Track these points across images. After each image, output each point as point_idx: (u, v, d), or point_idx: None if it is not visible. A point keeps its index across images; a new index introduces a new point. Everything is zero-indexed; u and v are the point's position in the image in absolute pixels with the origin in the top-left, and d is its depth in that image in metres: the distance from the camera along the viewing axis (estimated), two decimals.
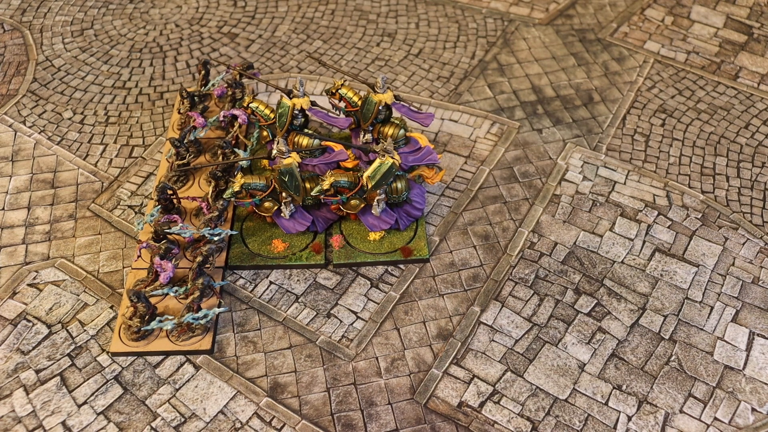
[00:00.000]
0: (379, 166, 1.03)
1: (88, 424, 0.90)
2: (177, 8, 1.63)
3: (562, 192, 1.20)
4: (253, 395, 0.92)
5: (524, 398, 0.93)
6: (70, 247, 1.11)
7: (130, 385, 0.93)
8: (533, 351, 0.98)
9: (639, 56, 1.49)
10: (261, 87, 1.41)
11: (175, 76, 1.44)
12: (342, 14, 1.61)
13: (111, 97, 1.39)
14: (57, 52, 1.50)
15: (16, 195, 1.19)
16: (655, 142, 1.29)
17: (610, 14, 1.60)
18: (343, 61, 1.47)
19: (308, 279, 1.06)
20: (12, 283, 1.06)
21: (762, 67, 1.46)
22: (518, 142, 1.29)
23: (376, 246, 1.09)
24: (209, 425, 0.89)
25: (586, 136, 1.30)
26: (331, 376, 0.95)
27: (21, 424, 0.90)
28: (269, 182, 1.06)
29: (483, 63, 1.47)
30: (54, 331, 0.99)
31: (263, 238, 1.10)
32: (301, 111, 1.11)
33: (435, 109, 1.35)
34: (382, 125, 1.15)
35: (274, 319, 1.01)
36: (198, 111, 1.27)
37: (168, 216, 1.04)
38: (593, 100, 1.38)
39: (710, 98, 1.39)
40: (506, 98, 1.38)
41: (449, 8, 1.62)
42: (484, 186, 1.21)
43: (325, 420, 0.90)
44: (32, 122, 1.33)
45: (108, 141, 1.29)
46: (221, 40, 1.53)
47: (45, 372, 0.95)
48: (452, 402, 0.92)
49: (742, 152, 1.28)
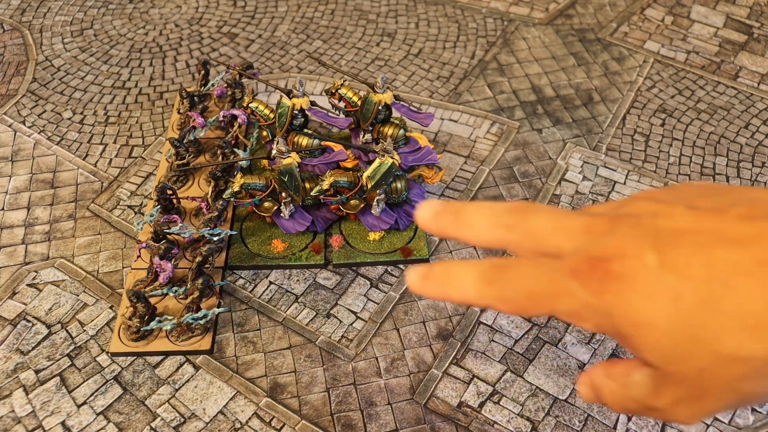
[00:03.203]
0: (378, 166, 1.03)
1: (87, 424, 0.89)
2: (177, 8, 1.63)
3: (562, 192, 1.20)
4: (252, 395, 0.92)
5: (524, 398, 0.93)
6: (70, 248, 1.11)
7: (129, 386, 0.93)
8: (533, 351, 0.98)
9: (639, 56, 1.48)
10: (261, 87, 1.40)
11: (175, 76, 1.44)
12: (342, 14, 1.61)
13: (111, 97, 1.39)
14: (57, 52, 1.50)
15: (15, 195, 1.19)
16: (655, 142, 1.29)
17: (609, 14, 1.60)
18: (343, 61, 1.47)
19: (308, 279, 1.06)
20: (11, 283, 1.06)
21: (762, 67, 1.46)
22: (518, 142, 1.29)
23: (376, 246, 1.09)
24: (209, 425, 0.89)
25: (586, 136, 1.30)
26: (331, 376, 0.95)
27: (20, 424, 0.90)
28: (269, 182, 1.06)
29: (483, 63, 1.47)
30: (53, 331, 0.99)
31: (263, 238, 1.10)
32: (300, 111, 1.11)
33: (435, 109, 1.35)
34: (382, 125, 1.15)
35: (274, 320, 1.01)
36: (198, 111, 1.27)
37: (167, 216, 1.04)
38: (593, 100, 1.38)
39: (710, 98, 1.39)
40: (506, 98, 1.38)
41: (449, 8, 1.62)
42: (483, 186, 1.20)
43: (325, 420, 0.90)
44: (32, 122, 1.33)
45: (108, 141, 1.29)
46: (221, 40, 1.53)
47: (44, 372, 0.95)
48: (452, 402, 0.92)
49: (742, 152, 1.28)
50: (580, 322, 0.45)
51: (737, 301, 0.38)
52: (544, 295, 0.45)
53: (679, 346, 0.40)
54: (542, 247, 0.47)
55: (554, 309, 0.45)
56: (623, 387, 0.47)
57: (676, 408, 0.43)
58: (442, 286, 0.51)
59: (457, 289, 0.50)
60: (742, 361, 0.38)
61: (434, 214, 0.53)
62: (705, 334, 0.39)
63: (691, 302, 0.39)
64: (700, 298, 0.39)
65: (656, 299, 0.40)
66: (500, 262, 0.49)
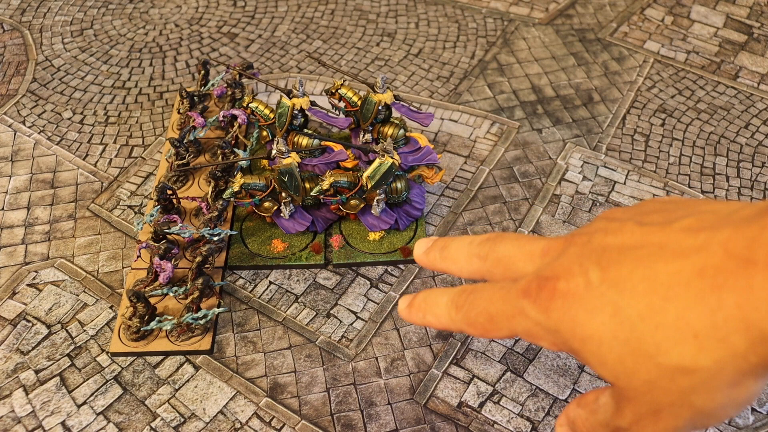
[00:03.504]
0: (378, 166, 1.03)
1: (87, 424, 0.89)
2: (177, 8, 1.63)
3: (562, 192, 1.20)
4: (252, 395, 0.92)
5: (524, 398, 0.93)
6: (70, 247, 1.11)
7: (129, 386, 0.93)
8: (533, 351, 0.98)
9: (639, 56, 1.49)
10: (261, 87, 1.40)
11: (175, 76, 1.44)
12: (342, 14, 1.61)
13: (111, 97, 1.39)
14: (56, 52, 1.50)
15: (15, 195, 1.19)
16: (655, 142, 1.29)
17: (609, 14, 1.60)
18: (343, 61, 1.47)
19: (308, 279, 1.06)
20: (11, 284, 1.06)
21: (762, 67, 1.46)
22: (518, 141, 1.29)
23: (376, 246, 1.09)
24: (209, 425, 0.89)
25: (586, 136, 1.30)
26: (331, 376, 0.95)
27: (20, 424, 0.90)
28: (269, 182, 1.06)
29: (483, 63, 1.47)
30: (53, 331, 0.99)
31: (263, 238, 1.10)
32: (300, 111, 1.11)
33: (435, 109, 1.35)
34: (382, 125, 1.15)
35: (274, 320, 1.01)
36: (197, 111, 1.27)
37: (167, 216, 1.04)
38: (593, 100, 1.38)
39: (710, 98, 1.39)
40: (506, 98, 1.38)
41: (449, 8, 1.62)
42: (483, 186, 1.21)
43: (325, 420, 0.90)
44: (32, 122, 1.33)
45: (108, 141, 1.29)
46: (221, 40, 1.53)
47: (44, 372, 0.95)
48: (452, 402, 0.92)
49: (742, 152, 1.28)
50: (537, 341, 0.46)
51: (676, 313, 0.38)
52: (502, 317, 0.47)
53: (623, 359, 0.40)
54: (509, 273, 0.50)
55: (513, 329, 0.47)
56: (592, 413, 0.47)
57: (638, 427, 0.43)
58: (423, 314, 0.56)
59: (434, 316, 0.54)
60: (688, 372, 0.38)
61: (424, 251, 0.58)
62: (646, 346, 0.39)
63: (631, 315, 0.39)
64: (639, 311, 0.39)
65: (598, 314, 0.41)
66: (468, 287, 0.53)
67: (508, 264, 0.50)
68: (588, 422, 0.48)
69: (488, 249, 0.52)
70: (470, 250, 0.54)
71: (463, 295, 0.52)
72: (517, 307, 0.45)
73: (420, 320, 0.56)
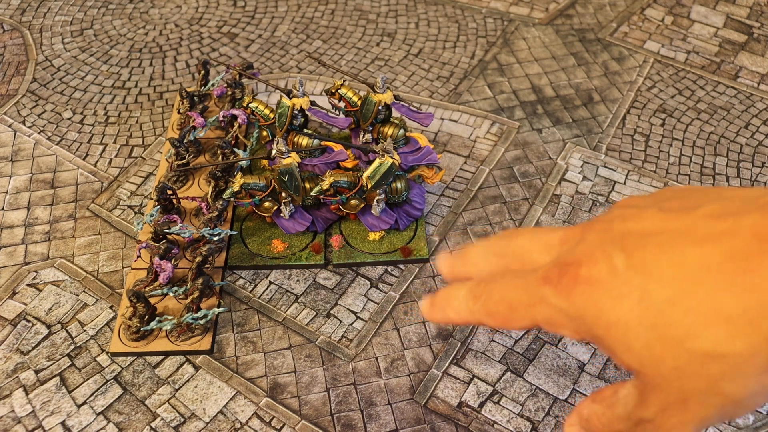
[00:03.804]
0: (378, 166, 1.03)
1: (87, 424, 0.89)
2: (177, 8, 1.63)
3: (562, 192, 1.20)
4: (252, 395, 0.92)
5: (524, 398, 0.93)
6: (70, 247, 1.11)
7: (129, 386, 0.93)
8: (533, 351, 0.98)
9: (639, 56, 1.49)
10: (261, 87, 1.40)
11: (175, 76, 1.44)
12: (342, 14, 1.61)
13: (111, 97, 1.39)
14: (56, 52, 1.50)
15: (15, 195, 1.19)
16: (655, 142, 1.29)
17: (609, 14, 1.60)
18: (343, 61, 1.47)
19: (308, 279, 1.06)
20: (11, 284, 1.06)
21: (762, 67, 1.46)
22: (518, 142, 1.29)
23: (376, 246, 1.09)
24: (209, 425, 0.89)
25: (586, 136, 1.30)
26: (331, 376, 0.95)
27: (20, 424, 0.90)
28: (269, 182, 1.06)
29: (483, 63, 1.47)
30: (53, 331, 0.99)
31: (263, 238, 1.10)
32: (300, 111, 1.11)
33: (435, 109, 1.35)
34: (382, 125, 1.15)
35: (274, 320, 1.01)
36: (197, 111, 1.27)
37: (167, 216, 1.04)
38: (593, 100, 1.38)
39: (710, 98, 1.39)
40: (506, 98, 1.38)
41: (449, 8, 1.62)
42: (483, 186, 1.21)
43: (325, 420, 0.90)
44: (32, 122, 1.33)
45: (108, 141, 1.29)
46: (221, 40, 1.53)
47: (44, 372, 0.95)
48: (452, 402, 0.92)
49: (742, 152, 1.28)
50: (559, 330, 0.45)
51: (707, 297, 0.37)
52: (523, 305, 0.47)
53: (651, 345, 0.40)
54: (527, 265, 0.50)
55: (534, 318, 0.46)
56: (610, 407, 0.47)
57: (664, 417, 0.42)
58: (443, 311, 0.55)
59: (453, 311, 0.54)
60: (718, 357, 0.37)
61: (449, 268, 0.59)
62: (676, 331, 0.38)
63: (659, 300, 0.39)
64: (668, 296, 0.39)
65: (624, 300, 0.40)
66: (486, 278, 0.52)
67: (524, 256, 0.50)
68: (605, 417, 0.47)
69: (505, 245, 0.52)
70: (488, 250, 0.54)
71: (481, 285, 0.51)
72: (538, 295, 0.45)
73: (442, 317, 0.56)
